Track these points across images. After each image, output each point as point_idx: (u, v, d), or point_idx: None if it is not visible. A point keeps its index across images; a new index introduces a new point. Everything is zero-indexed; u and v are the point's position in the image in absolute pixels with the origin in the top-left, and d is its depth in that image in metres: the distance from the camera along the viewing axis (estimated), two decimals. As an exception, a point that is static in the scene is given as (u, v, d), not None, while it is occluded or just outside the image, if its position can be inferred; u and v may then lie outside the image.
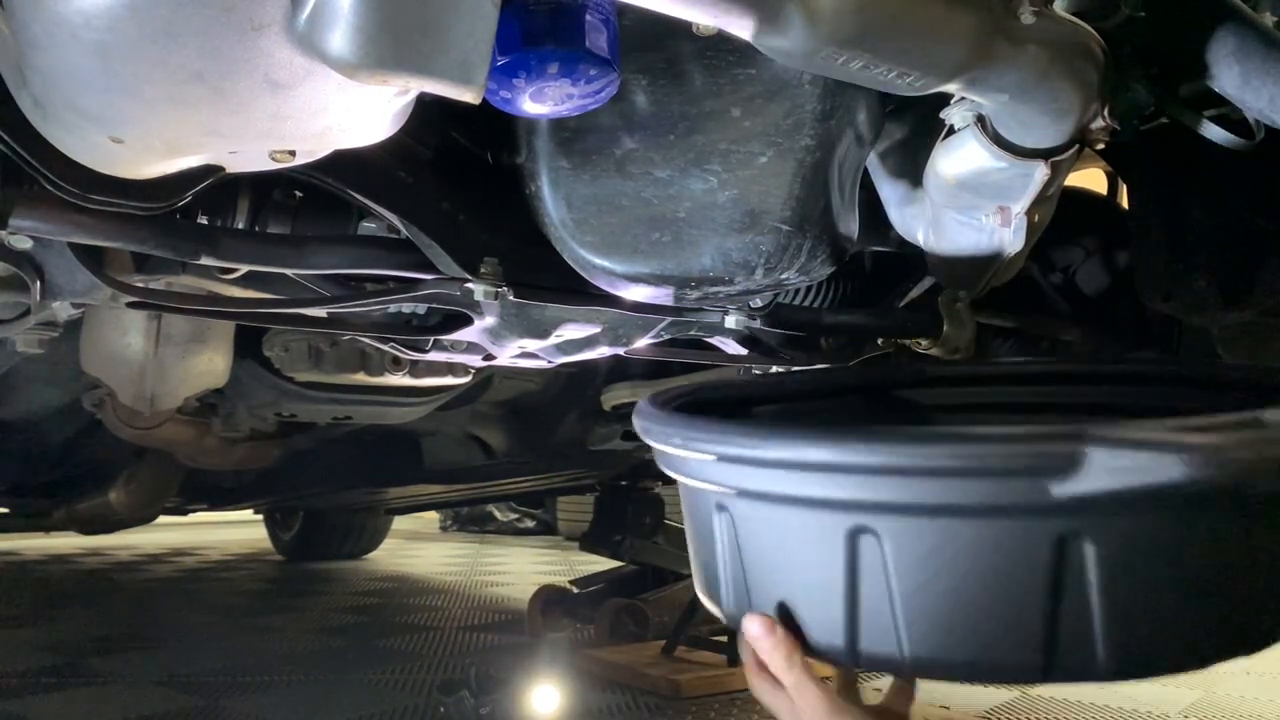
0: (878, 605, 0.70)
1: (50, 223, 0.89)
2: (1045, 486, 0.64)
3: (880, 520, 0.70)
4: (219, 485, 3.18)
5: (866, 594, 0.71)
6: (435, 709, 2.04)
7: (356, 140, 0.71)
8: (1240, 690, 2.38)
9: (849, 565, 0.71)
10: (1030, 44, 0.81)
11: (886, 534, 0.69)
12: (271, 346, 1.84)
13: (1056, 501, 0.64)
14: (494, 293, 1.05)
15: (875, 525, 0.70)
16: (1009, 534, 0.67)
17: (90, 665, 2.52)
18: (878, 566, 0.70)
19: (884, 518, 0.70)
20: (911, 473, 0.68)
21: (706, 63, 0.91)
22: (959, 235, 1.07)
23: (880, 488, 0.69)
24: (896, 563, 0.69)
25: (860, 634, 0.72)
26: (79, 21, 0.57)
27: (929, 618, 0.69)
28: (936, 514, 0.68)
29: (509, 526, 6.52)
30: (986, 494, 0.66)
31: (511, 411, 2.56)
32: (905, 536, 0.69)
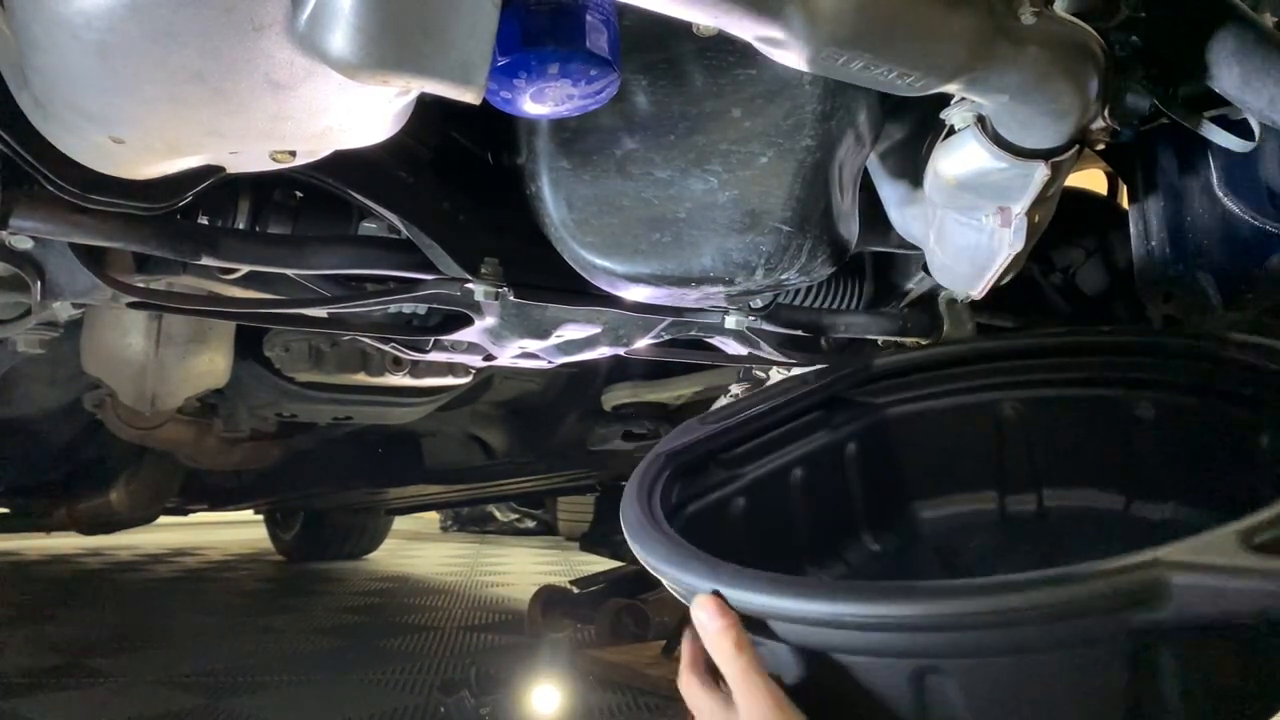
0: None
1: (51, 223, 0.89)
2: (1127, 620, 0.63)
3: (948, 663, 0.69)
4: (219, 485, 3.18)
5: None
6: (435, 709, 2.04)
7: (357, 140, 0.71)
8: (1240, 691, 2.37)
9: (917, 705, 0.69)
10: (1031, 45, 0.81)
11: (954, 674, 0.68)
12: (272, 347, 1.84)
13: (1137, 628, 0.63)
14: (494, 293, 1.05)
15: (943, 666, 0.69)
16: (1084, 660, 0.66)
17: (90, 665, 2.52)
18: (950, 703, 0.69)
19: (952, 661, 0.69)
20: (978, 625, 0.66)
21: (707, 63, 0.91)
22: (959, 236, 1.07)
23: (946, 640, 0.68)
24: (969, 698, 0.68)
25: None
26: (80, 22, 0.57)
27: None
28: (996, 654, 0.67)
29: (509, 527, 6.53)
30: (1063, 634, 0.65)
31: (512, 412, 2.56)
32: (975, 677, 0.68)
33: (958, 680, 0.68)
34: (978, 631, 0.66)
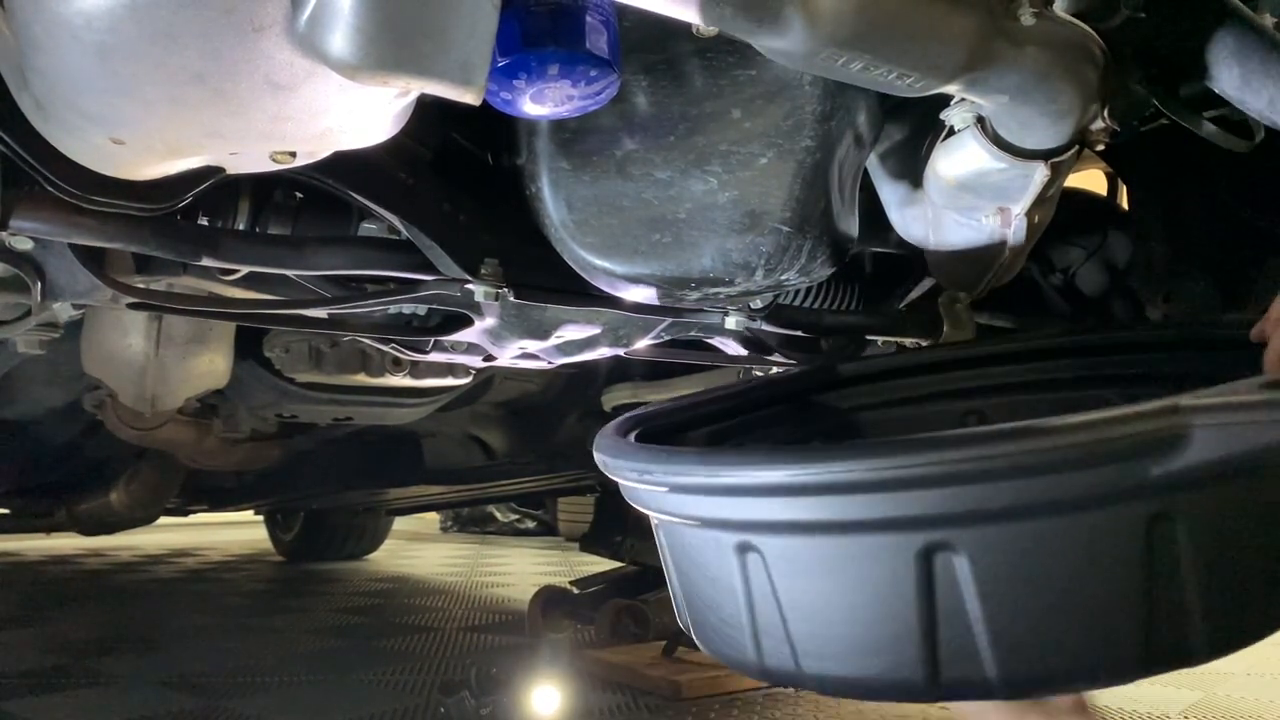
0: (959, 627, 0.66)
1: (51, 224, 0.89)
2: (1145, 468, 0.62)
3: (955, 534, 0.65)
4: (220, 486, 3.18)
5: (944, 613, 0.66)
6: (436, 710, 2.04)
7: (357, 141, 0.71)
8: (1240, 691, 2.38)
9: (924, 587, 0.66)
10: (1030, 45, 0.81)
11: (963, 547, 0.65)
12: (272, 347, 1.84)
13: (1155, 482, 0.62)
14: (494, 294, 1.05)
15: (952, 540, 0.65)
16: (1099, 528, 0.64)
17: (90, 665, 2.52)
18: (953, 586, 0.66)
19: (958, 531, 0.65)
20: (979, 478, 0.63)
21: (707, 64, 0.91)
22: (959, 236, 1.07)
23: (947, 500, 0.64)
24: (977, 580, 0.65)
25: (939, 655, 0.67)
26: (80, 23, 0.57)
27: (1021, 628, 0.65)
28: (1018, 518, 0.64)
29: (509, 527, 6.53)
30: (1081, 488, 0.63)
31: (512, 412, 2.56)
32: (981, 550, 0.65)
33: (969, 557, 0.64)
34: (994, 485, 0.63)
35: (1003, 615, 0.65)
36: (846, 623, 0.69)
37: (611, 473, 0.81)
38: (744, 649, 0.74)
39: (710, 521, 0.74)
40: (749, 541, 0.71)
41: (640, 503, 0.81)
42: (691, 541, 0.77)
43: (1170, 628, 0.65)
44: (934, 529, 0.65)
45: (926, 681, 0.67)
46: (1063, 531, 0.64)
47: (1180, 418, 0.61)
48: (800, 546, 0.70)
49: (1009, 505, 0.64)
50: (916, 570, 0.66)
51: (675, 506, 0.76)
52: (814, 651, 0.70)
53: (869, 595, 0.68)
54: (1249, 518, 0.67)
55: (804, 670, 0.71)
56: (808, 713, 2.14)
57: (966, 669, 0.66)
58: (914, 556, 0.66)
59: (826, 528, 0.68)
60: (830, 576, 0.69)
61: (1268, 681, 2.49)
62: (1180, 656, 0.66)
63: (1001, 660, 0.65)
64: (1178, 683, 2.42)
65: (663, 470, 0.74)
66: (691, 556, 0.78)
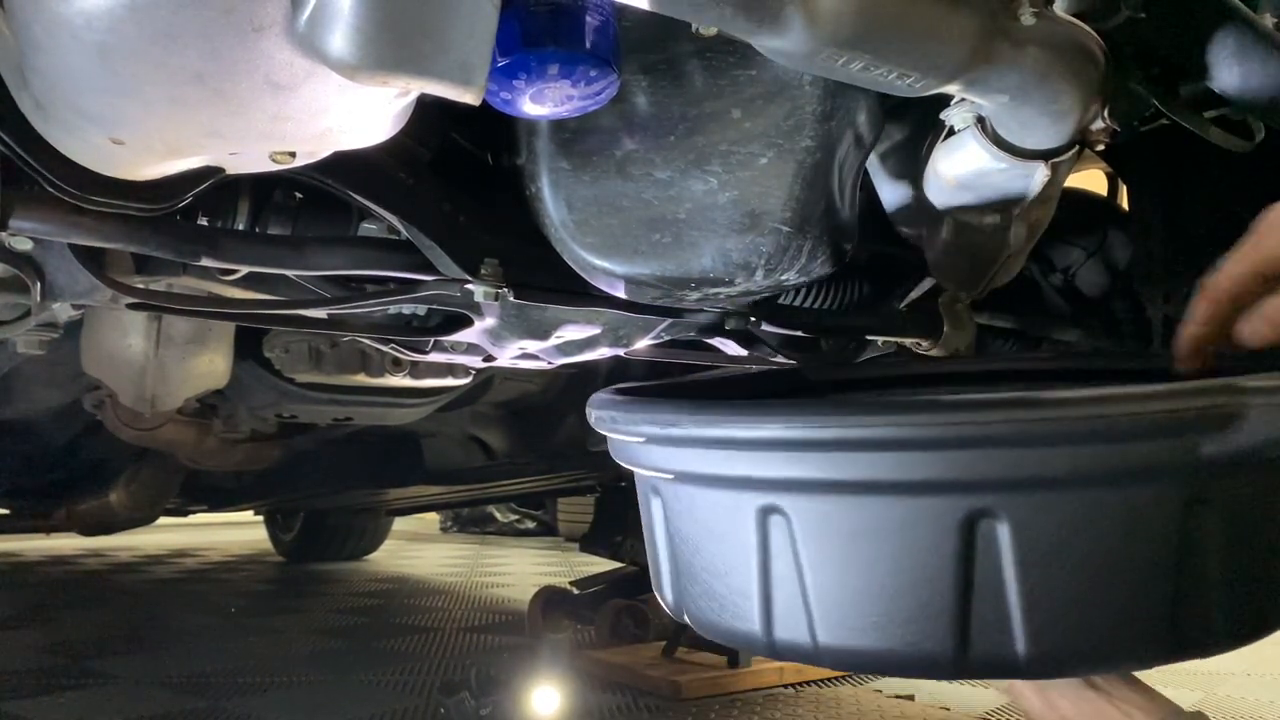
0: (994, 599, 0.64)
1: (50, 224, 0.89)
2: (1196, 444, 0.61)
3: (1003, 500, 0.63)
4: (219, 486, 3.18)
5: (980, 584, 0.64)
6: (436, 710, 2.04)
7: (357, 141, 0.71)
8: (1241, 691, 2.38)
9: (964, 556, 0.64)
10: (1030, 45, 0.81)
11: (1008, 515, 0.62)
12: (272, 348, 1.84)
13: (1201, 461, 0.61)
14: (494, 294, 1.05)
15: (998, 506, 0.63)
16: (1142, 503, 0.63)
17: (90, 665, 2.52)
18: (993, 556, 0.64)
19: (1005, 497, 0.63)
20: (1035, 442, 0.61)
21: (707, 64, 0.91)
22: (959, 236, 1.07)
23: (1000, 462, 0.62)
24: (1018, 551, 0.63)
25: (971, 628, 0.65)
26: (80, 23, 0.57)
27: (1055, 604, 0.63)
28: (1065, 488, 0.62)
29: (509, 527, 6.52)
30: (1130, 460, 0.62)
31: (512, 413, 2.56)
32: (1026, 519, 0.63)
33: (1011, 525, 0.62)
34: (1049, 450, 0.61)
35: (1038, 589, 0.63)
36: (874, 592, 0.66)
37: (618, 429, 0.76)
38: (750, 620, 0.71)
39: (732, 481, 0.70)
40: (774, 504, 0.68)
41: (641, 462, 0.77)
42: (700, 503, 0.73)
43: (1196, 613, 0.65)
44: (982, 494, 0.63)
45: (954, 655, 0.65)
46: (1108, 505, 0.63)
47: (1238, 396, 0.61)
48: (832, 509, 0.67)
49: (1061, 473, 0.62)
50: (958, 537, 0.64)
51: (693, 464, 0.72)
52: (835, 622, 0.67)
53: (903, 562, 0.65)
54: (1275, 503, 0.67)
55: (820, 643, 0.68)
56: (807, 713, 2.14)
57: (997, 644, 0.64)
58: (957, 522, 0.63)
59: (864, 488, 0.65)
60: (863, 542, 0.66)
61: (1268, 682, 2.49)
62: (1202, 645, 0.66)
63: (1033, 636, 0.63)
64: (1178, 683, 2.42)
65: (692, 422, 0.69)
66: (697, 519, 0.74)
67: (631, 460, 0.79)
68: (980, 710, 2.16)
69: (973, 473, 0.63)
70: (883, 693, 2.31)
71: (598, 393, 0.85)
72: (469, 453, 2.70)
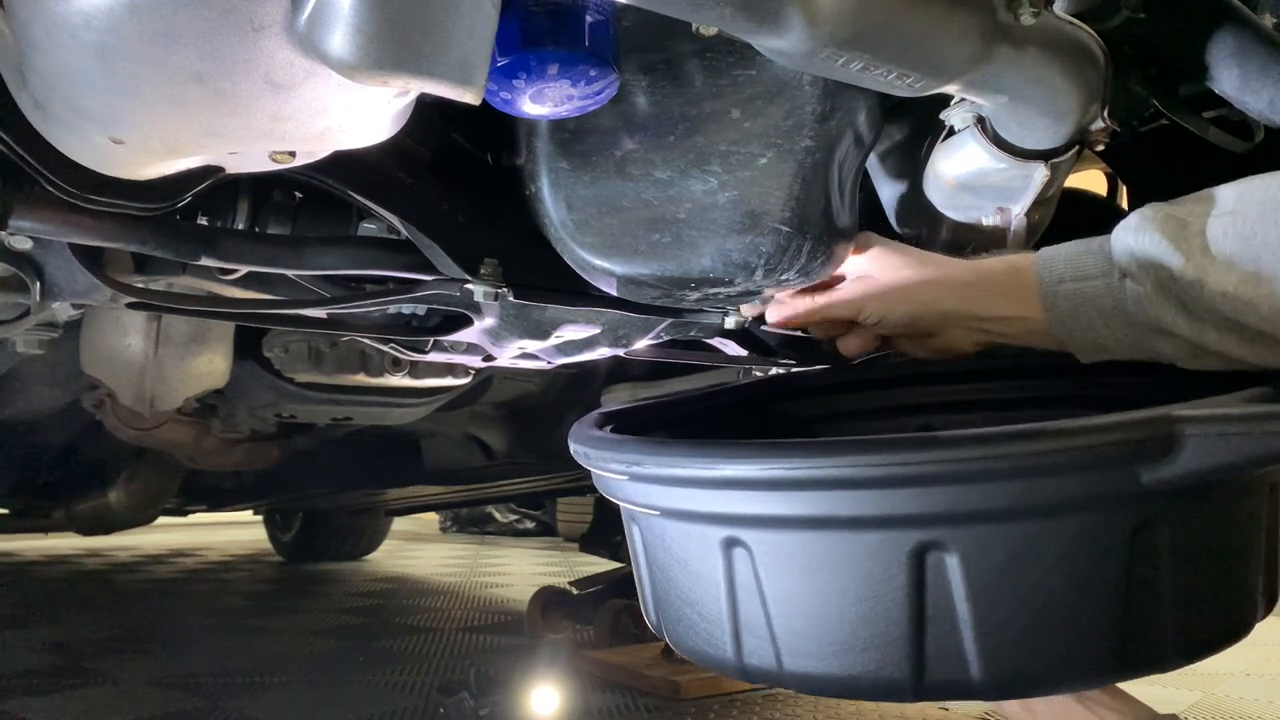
0: (947, 627, 0.67)
1: (50, 223, 0.89)
2: (1136, 474, 0.63)
3: (950, 533, 0.65)
4: (218, 486, 3.18)
5: (932, 613, 0.67)
6: (435, 710, 2.04)
7: (357, 141, 0.71)
8: (1240, 691, 2.38)
9: (915, 585, 0.67)
10: (1030, 45, 0.81)
11: (956, 547, 0.65)
12: (271, 347, 1.84)
13: (1143, 489, 0.63)
14: (494, 293, 1.05)
15: (946, 539, 0.65)
16: (1088, 531, 0.65)
17: (90, 666, 2.52)
18: (944, 586, 0.66)
19: (952, 530, 0.65)
20: (978, 478, 0.64)
21: (706, 64, 0.91)
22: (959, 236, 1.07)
23: (945, 498, 0.64)
24: (968, 580, 0.65)
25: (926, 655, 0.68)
26: (79, 22, 0.57)
27: (1007, 630, 0.66)
28: (1011, 520, 0.64)
29: (509, 528, 6.52)
30: (1073, 491, 0.64)
31: (511, 413, 2.56)
32: (973, 550, 0.65)
33: (960, 556, 0.65)
34: (993, 485, 0.63)
35: (990, 617, 0.66)
36: (833, 621, 0.69)
37: (594, 465, 0.81)
38: (723, 646, 0.74)
39: (698, 515, 0.74)
40: (736, 537, 0.71)
41: (619, 496, 0.81)
42: (674, 535, 0.77)
43: (1145, 634, 0.67)
44: (929, 528, 0.65)
45: (911, 681, 0.68)
46: (1053, 534, 0.65)
47: (1173, 426, 0.62)
48: (790, 542, 0.70)
49: (1005, 506, 0.64)
50: (908, 568, 0.66)
51: (661, 499, 0.76)
52: (798, 649, 0.70)
53: (859, 593, 0.68)
54: (1223, 528, 0.69)
55: (785, 668, 0.71)
56: (806, 713, 2.14)
57: (952, 669, 0.67)
58: (907, 554, 0.66)
59: (819, 523, 0.68)
60: (820, 573, 0.69)
61: (1267, 682, 2.49)
62: (1153, 662, 0.68)
63: (986, 661, 0.66)
64: (1177, 683, 2.42)
65: (655, 462, 0.74)
66: (672, 551, 0.78)
67: (610, 492, 0.83)
68: (979, 711, 2.16)
69: (918, 507, 0.65)
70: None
71: (579, 422, 0.89)
72: (468, 453, 2.70)
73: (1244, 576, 0.72)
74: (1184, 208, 0.80)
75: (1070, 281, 0.85)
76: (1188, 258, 0.76)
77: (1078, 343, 0.88)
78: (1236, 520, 0.71)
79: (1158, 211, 0.81)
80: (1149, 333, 0.82)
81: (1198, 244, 0.76)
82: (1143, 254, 0.80)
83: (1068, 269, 0.86)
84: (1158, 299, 0.79)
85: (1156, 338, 0.82)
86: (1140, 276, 0.81)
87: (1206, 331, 0.78)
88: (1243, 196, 0.77)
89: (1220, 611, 0.71)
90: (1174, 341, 0.81)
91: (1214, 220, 0.77)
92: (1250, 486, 0.71)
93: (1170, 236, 0.78)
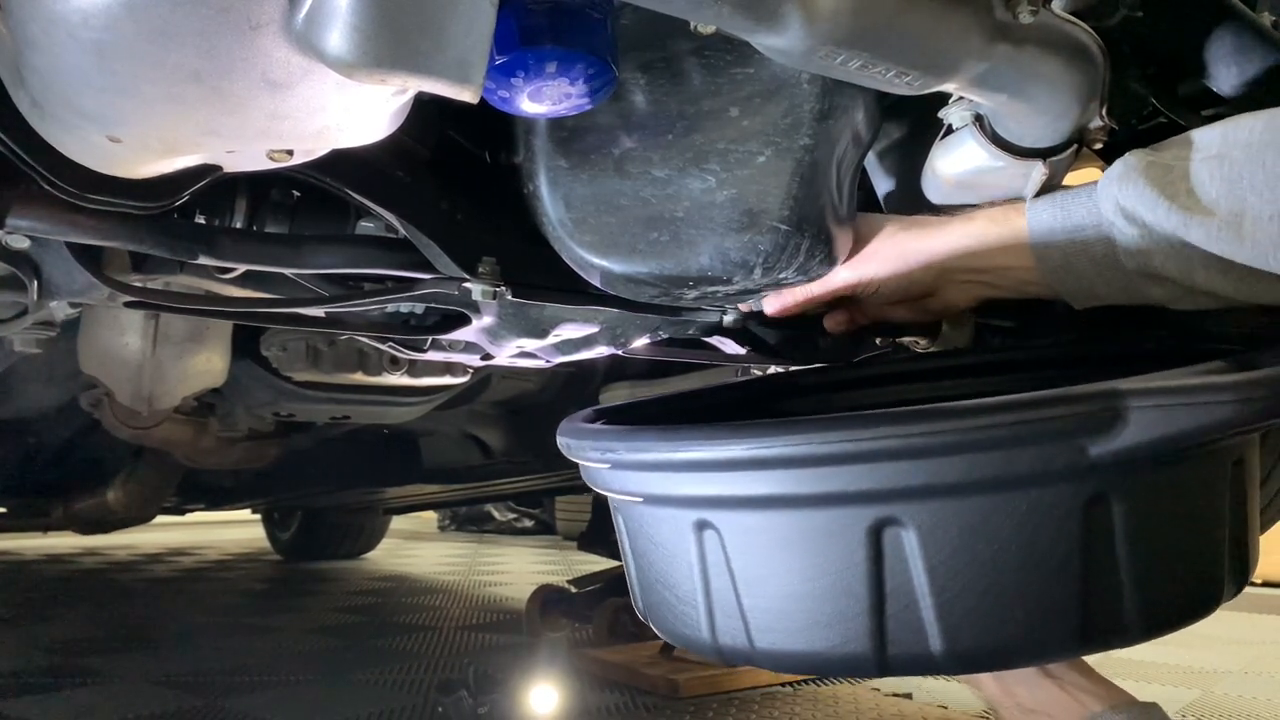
0: (907, 602, 0.68)
1: (48, 222, 0.89)
2: (1083, 447, 0.63)
3: (905, 508, 0.66)
4: (217, 485, 3.18)
5: (892, 588, 0.68)
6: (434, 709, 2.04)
7: (355, 139, 0.71)
8: (1239, 690, 2.38)
9: (874, 561, 0.68)
10: (1028, 44, 0.81)
11: (911, 522, 0.66)
12: (269, 346, 1.84)
13: (1092, 462, 0.63)
14: (492, 292, 1.05)
15: (902, 514, 0.67)
16: (1040, 506, 0.66)
17: (89, 665, 2.52)
18: (902, 561, 0.67)
19: (907, 505, 0.66)
20: (927, 453, 0.65)
21: (704, 62, 0.91)
22: (957, 235, 1.07)
23: (898, 474, 0.66)
24: (925, 556, 0.67)
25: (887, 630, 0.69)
26: (76, 21, 0.57)
27: (966, 604, 0.67)
28: (963, 494, 0.65)
29: (507, 526, 6.53)
30: (1024, 465, 0.64)
31: (510, 411, 2.56)
32: (929, 525, 0.66)
33: (916, 531, 0.66)
34: (942, 460, 0.65)
35: (949, 591, 0.67)
36: (798, 598, 0.70)
37: (574, 454, 0.83)
38: (698, 627, 0.76)
39: (670, 500, 0.76)
40: (706, 519, 0.73)
41: (603, 485, 0.82)
42: (651, 522, 0.79)
43: (1105, 606, 0.68)
44: (885, 504, 0.67)
45: (875, 656, 0.69)
46: (1006, 508, 0.66)
47: (1119, 399, 0.63)
48: (755, 522, 0.71)
49: (956, 480, 0.65)
50: (867, 545, 0.68)
51: (637, 485, 0.78)
52: (766, 627, 0.72)
53: (820, 570, 0.69)
54: (1179, 502, 0.69)
55: (757, 647, 0.72)
56: (805, 711, 2.14)
57: (913, 643, 0.68)
58: (865, 531, 0.67)
59: (780, 502, 0.70)
60: (783, 552, 0.71)
61: (1265, 680, 2.49)
62: (1115, 635, 0.69)
63: (947, 635, 0.67)
64: (1175, 681, 2.42)
65: (626, 447, 0.75)
66: (650, 536, 0.80)
67: (593, 482, 0.85)
68: (978, 709, 2.17)
69: (873, 483, 0.66)
70: (880, 691, 2.31)
71: (568, 418, 0.91)
72: (467, 451, 2.70)
73: (1207, 553, 0.73)
74: (1167, 153, 0.82)
75: (1060, 232, 0.87)
76: (1173, 201, 0.78)
77: (1070, 291, 0.90)
78: (1195, 496, 0.71)
79: (1141, 159, 0.83)
80: (1139, 278, 0.84)
81: (1183, 188, 0.78)
82: (1129, 201, 0.82)
83: (1057, 220, 0.88)
84: (1146, 244, 0.81)
85: (1147, 282, 0.84)
86: (1128, 224, 0.83)
87: (1196, 273, 0.80)
88: (1226, 138, 0.79)
89: (1182, 587, 0.71)
90: (1164, 285, 0.83)
91: (1199, 164, 0.79)
92: (1208, 461, 0.71)
93: (1155, 182, 0.80)
